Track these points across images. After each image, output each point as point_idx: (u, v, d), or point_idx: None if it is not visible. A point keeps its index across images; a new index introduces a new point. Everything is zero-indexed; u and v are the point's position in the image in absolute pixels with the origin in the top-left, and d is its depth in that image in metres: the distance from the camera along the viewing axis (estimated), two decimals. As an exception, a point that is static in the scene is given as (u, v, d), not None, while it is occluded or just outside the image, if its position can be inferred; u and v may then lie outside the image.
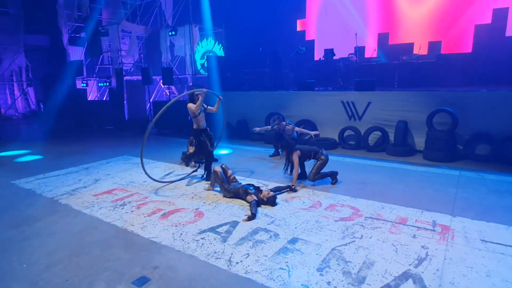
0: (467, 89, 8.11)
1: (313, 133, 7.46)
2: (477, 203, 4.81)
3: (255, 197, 4.87)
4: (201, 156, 6.38)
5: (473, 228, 3.99)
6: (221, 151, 8.70)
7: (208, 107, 6.27)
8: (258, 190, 5.05)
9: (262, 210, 4.73)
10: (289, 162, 5.88)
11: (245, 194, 5.01)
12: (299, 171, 5.85)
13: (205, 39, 16.34)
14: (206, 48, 16.45)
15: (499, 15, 9.90)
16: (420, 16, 11.74)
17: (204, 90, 5.90)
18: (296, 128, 7.62)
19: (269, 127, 8.23)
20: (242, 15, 13.71)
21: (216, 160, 7.27)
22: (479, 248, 3.53)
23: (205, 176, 6.32)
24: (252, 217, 4.44)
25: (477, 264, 3.24)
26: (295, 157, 5.63)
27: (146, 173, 5.75)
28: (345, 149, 8.60)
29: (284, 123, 7.76)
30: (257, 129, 7.91)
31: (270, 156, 8.12)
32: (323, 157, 5.78)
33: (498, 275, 3.06)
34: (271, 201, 4.88)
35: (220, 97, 6.33)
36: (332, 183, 5.82)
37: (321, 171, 5.83)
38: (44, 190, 5.85)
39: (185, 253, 3.61)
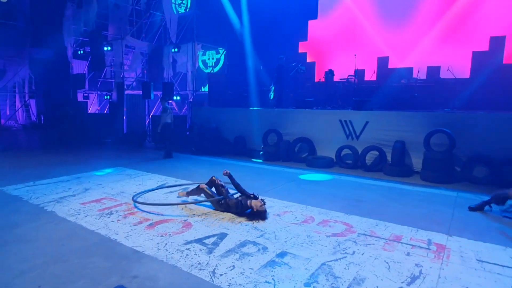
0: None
1: None
2: (474, 223, 4.66)
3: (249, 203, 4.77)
4: None
5: (469, 248, 3.83)
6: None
7: None
8: (248, 198, 4.89)
9: (253, 223, 4.58)
10: None
11: (237, 206, 4.86)
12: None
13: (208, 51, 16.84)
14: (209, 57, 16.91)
15: (496, 43, 10.04)
16: (420, 41, 11.87)
17: None
18: None
19: None
20: (245, 35, 13.95)
21: None
22: (475, 268, 3.36)
23: None
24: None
25: (473, 283, 3.07)
26: None
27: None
28: (342, 168, 8.48)
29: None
30: None
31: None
32: None
33: (495, 296, 2.89)
34: (262, 215, 4.73)
35: None
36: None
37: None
38: (31, 197, 5.72)
39: (168, 263, 3.45)
